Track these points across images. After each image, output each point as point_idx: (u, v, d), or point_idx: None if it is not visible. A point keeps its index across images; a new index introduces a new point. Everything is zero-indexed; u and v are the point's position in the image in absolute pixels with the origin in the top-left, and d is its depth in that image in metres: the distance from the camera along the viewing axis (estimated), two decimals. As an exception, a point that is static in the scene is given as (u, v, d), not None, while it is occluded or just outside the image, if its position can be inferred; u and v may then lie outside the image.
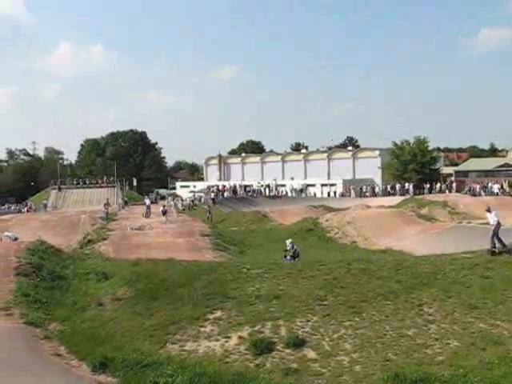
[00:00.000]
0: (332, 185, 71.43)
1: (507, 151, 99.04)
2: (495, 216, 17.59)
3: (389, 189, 65.75)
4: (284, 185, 73.35)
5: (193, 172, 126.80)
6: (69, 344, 12.16)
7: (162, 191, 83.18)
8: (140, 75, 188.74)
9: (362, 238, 32.37)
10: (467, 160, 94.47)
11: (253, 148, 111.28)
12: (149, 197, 54.89)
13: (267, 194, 67.31)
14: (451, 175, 75.71)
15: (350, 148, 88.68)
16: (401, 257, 20.68)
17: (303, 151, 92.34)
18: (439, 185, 63.67)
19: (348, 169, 77.33)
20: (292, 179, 76.80)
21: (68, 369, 10.88)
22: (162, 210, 38.74)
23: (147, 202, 45.13)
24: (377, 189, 68.10)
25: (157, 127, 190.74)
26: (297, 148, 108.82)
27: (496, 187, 56.60)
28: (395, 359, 10.76)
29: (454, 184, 64.14)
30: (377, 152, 76.08)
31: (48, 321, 13.76)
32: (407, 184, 63.60)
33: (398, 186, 64.15)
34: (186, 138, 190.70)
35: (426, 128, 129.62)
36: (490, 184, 58.74)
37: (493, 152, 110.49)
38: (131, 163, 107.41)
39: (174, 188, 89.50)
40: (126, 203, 56.61)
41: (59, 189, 71.66)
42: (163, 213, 38.18)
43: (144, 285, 15.56)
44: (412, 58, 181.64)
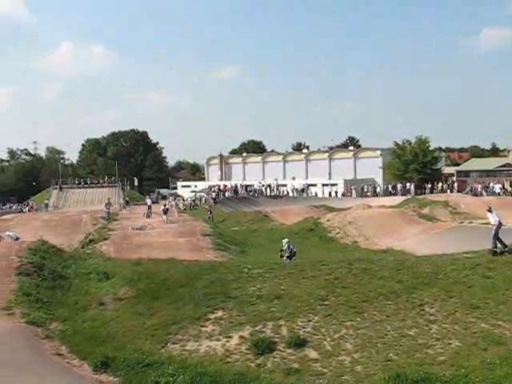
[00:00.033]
0: (333, 185, 71.33)
1: (509, 151, 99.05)
2: (496, 216, 17.59)
3: (390, 189, 65.68)
4: (285, 185, 73.20)
5: (194, 172, 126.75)
6: (70, 343, 12.17)
7: (164, 191, 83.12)
8: (141, 75, 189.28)
9: (364, 238, 32.33)
10: (469, 160, 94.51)
11: (254, 148, 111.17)
12: (150, 197, 54.91)
13: (268, 194, 67.23)
14: (453, 175, 75.70)
15: (352, 148, 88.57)
16: (402, 257, 20.65)
17: (304, 151, 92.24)
18: (440, 185, 63.57)
19: (349, 169, 77.25)
20: (293, 179, 76.69)
21: (69, 368, 10.88)
22: (163, 209, 38.70)
23: (148, 202, 45.19)
24: (378, 189, 68.00)
25: (158, 127, 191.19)
26: (298, 148, 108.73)
27: (497, 187, 56.49)
28: (396, 359, 10.76)
29: (456, 184, 64.07)
30: (378, 152, 75.99)
31: (49, 320, 13.77)
32: (408, 184, 63.50)
33: (400, 186, 64.04)
34: (187, 138, 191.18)
35: (427, 128, 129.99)
36: (492, 184, 58.64)
37: (494, 152, 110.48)
38: (132, 163, 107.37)
39: (176, 188, 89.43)
40: (128, 203, 56.67)
41: (60, 188, 71.77)
42: (164, 212, 38.16)
43: (145, 284, 15.56)
44: (412, 58, 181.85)
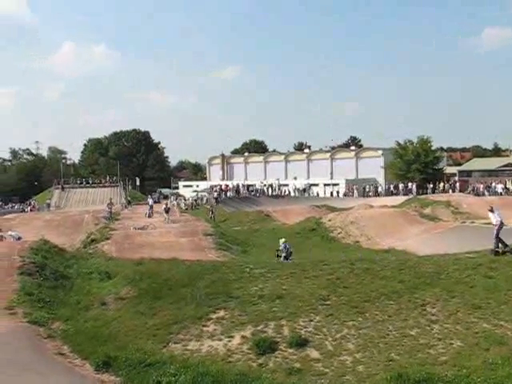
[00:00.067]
0: (335, 184, 71.33)
1: (511, 151, 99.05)
2: (498, 216, 17.56)
3: (392, 188, 65.72)
4: (287, 184, 73.22)
5: (196, 172, 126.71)
6: (72, 343, 12.16)
7: (165, 191, 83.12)
8: (142, 75, 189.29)
9: (365, 238, 32.30)
10: (470, 160, 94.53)
11: (256, 148, 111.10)
12: (152, 196, 54.93)
13: (270, 194, 67.26)
14: (455, 175, 75.67)
15: (353, 148, 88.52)
16: (404, 257, 20.65)
17: (306, 151, 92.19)
18: (442, 184, 63.54)
19: (351, 168, 77.20)
20: (295, 179, 76.70)
21: (71, 368, 10.88)
22: (165, 208, 38.73)
23: (150, 202, 45.22)
24: (380, 188, 67.98)
25: (160, 127, 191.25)
26: (300, 148, 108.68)
27: (500, 187, 56.47)
28: (398, 359, 10.76)
29: (458, 184, 64.07)
30: (380, 152, 75.93)
31: (51, 320, 13.76)
32: (410, 184, 63.48)
33: (401, 186, 64.03)
34: (189, 138, 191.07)
35: (429, 128, 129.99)
36: (494, 184, 58.61)
37: (496, 152, 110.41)
38: (134, 163, 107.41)
39: (177, 188, 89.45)
40: (129, 203, 56.74)
41: (62, 188, 71.92)
42: (166, 211, 38.17)
43: (147, 284, 15.57)
44: (412, 58, 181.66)
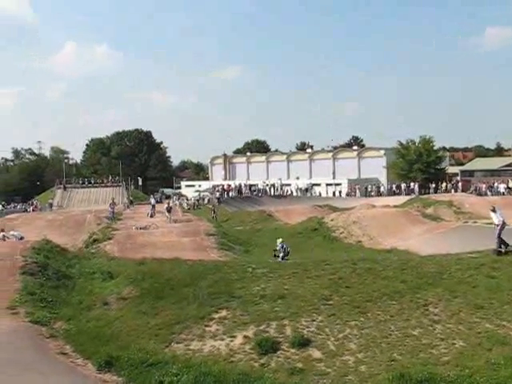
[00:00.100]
0: (337, 184, 71.29)
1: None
2: (500, 216, 17.55)
3: (394, 188, 65.64)
4: (289, 184, 73.14)
5: (198, 171, 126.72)
6: (74, 343, 12.18)
7: (168, 191, 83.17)
8: (144, 75, 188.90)
9: (368, 238, 32.25)
10: (473, 159, 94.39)
11: (258, 147, 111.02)
12: (154, 196, 54.95)
13: (272, 194, 67.22)
14: (457, 175, 75.55)
15: (355, 147, 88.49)
16: (406, 256, 20.62)
17: (308, 151, 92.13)
18: (445, 184, 63.46)
19: (353, 168, 77.16)
20: (297, 179, 76.64)
21: (73, 367, 10.89)
22: (167, 208, 38.77)
23: (152, 202, 45.24)
24: (382, 188, 67.95)
25: (162, 127, 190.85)
26: (302, 147, 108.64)
27: (502, 187, 56.34)
28: (400, 359, 10.74)
29: (460, 183, 63.98)
30: (382, 151, 75.91)
31: (53, 320, 13.78)
32: (412, 183, 63.41)
33: (404, 186, 63.97)
34: (191, 138, 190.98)
35: (430, 128, 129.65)
36: (496, 183, 58.50)
37: (499, 151, 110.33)
38: (136, 163, 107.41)
39: (180, 187, 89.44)
40: (132, 203, 56.73)
41: (65, 188, 71.93)
42: (168, 210, 38.22)
43: (149, 284, 15.57)
44: (412, 58, 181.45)
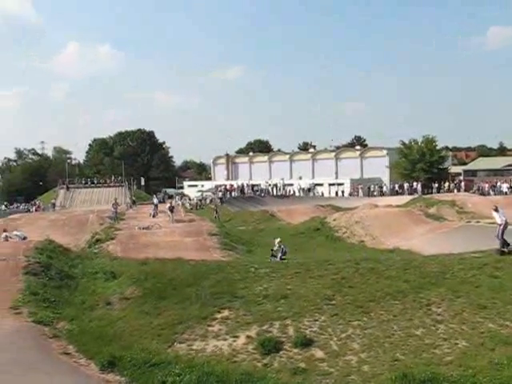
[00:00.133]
0: (340, 184, 71.30)
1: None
2: (503, 215, 17.53)
3: (397, 188, 65.60)
4: (292, 184, 73.21)
5: (200, 171, 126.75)
6: (77, 343, 12.18)
7: (170, 191, 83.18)
8: (147, 75, 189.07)
9: (370, 238, 32.20)
10: (476, 159, 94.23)
11: (260, 147, 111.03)
12: (157, 196, 54.98)
13: (275, 194, 67.27)
14: (460, 174, 75.44)
15: (358, 147, 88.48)
16: (409, 256, 20.60)
17: (311, 150, 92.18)
18: (447, 184, 63.38)
19: (356, 168, 77.13)
20: (300, 178, 76.64)
21: (76, 367, 10.90)
22: (169, 207, 38.84)
23: (155, 201, 45.27)
24: (385, 188, 67.94)
25: (164, 127, 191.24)
26: (304, 147, 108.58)
27: (505, 186, 56.30)
28: (403, 359, 10.73)
29: (463, 183, 63.90)
30: (385, 151, 75.86)
31: (56, 320, 13.80)
32: (415, 183, 63.38)
33: (406, 186, 63.91)
34: (194, 138, 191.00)
35: (433, 127, 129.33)
36: (499, 183, 58.46)
37: (502, 151, 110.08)
38: (139, 163, 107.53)
39: (182, 187, 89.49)
40: (134, 203, 56.77)
41: (67, 188, 72.00)
42: (170, 210, 38.28)
43: (152, 284, 15.59)
44: (412, 58, 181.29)
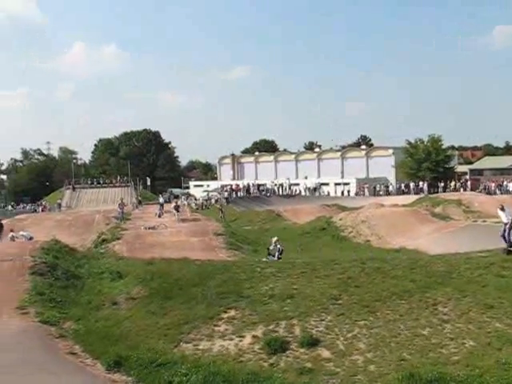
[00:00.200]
0: (346, 184, 71.16)
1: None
2: (509, 214, 17.46)
3: (403, 187, 65.48)
4: (297, 184, 73.12)
5: (206, 171, 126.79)
6: (83, 343, 12.20)
7: (176, 191, 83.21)
8: (152, 75, 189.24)
9: (376, 237, 32.17)
10: (482, 158, 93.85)
11: (266, 147, 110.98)
12: (162, 196, 55.06)
13: (281, 193, 67.26)
14: (466, 173, 75.15)
15: (364, 147, 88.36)
16: (415, 256, 20.55)
17: (316, 150, 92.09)
18: (454, 183, 63.20)
19: (361, 168, 76.94)
20: (305, 178, 76.53)
21: (83, 367, 10.91)
22: (175, 206, 38.97)
23: (161, 201, 45.37)
24: (390, 187, 67.80)
25: (170, 127, 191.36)
26: (310, 147, 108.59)
27: (511, 185, 56.08)
28: (410, 359, 10.70)
29: (469, 182, 63.69)
30: (390, 151, 75.66)
31: (63, 320, 13.83)
32: (421, 182, 63.25)
33: (412, 185, 63.79)
34: (199, 138, 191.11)
35: (439, 126, 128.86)
36: (506, 182, 58.20)
37: (508, 150, 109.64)
38: (145, 163, 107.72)
39: (188, 187, 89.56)
40: (140, 203, 56.85)
41: (73, 188, 72.21)
42: (176, 209, 38.39)
43: (158, 284, 15.60)
44: (413, 58, 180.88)
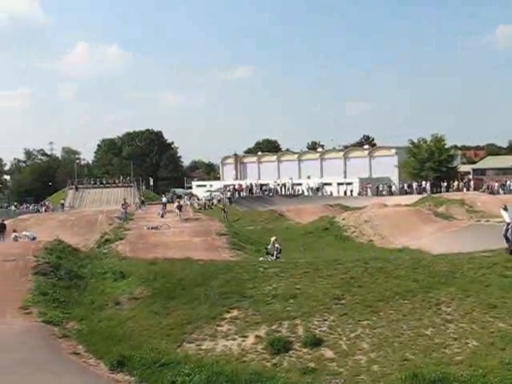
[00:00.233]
0: (348, 183, 71.15)
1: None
2: (512, 214, 17.42)
3: (406, 187, 65.46)
4: (300, 184, 73.12)
5: (209, 171, 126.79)
6: (86, 343, 12.21)
7: (179, 191, 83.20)
8: (155, 75, 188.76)
9: (379, 237, 32.18)
10: (485, 158, 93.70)
11: (269, 147, 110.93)
12: (165, 196, 55.15)
13: (283, 193, 67.27)
14: (469, 173, 75.10)
15: (367, 147, 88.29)
16: (418, 256, 20.53)
17: (319, 150, 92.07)
18: (456, 183, 63.19)
19: (364, 167, 76.91)
20: (308, 178, 76.53)
21: (86, 367, 10.92)
22: (178, 206, 39.04)
23: (164, 201, 45.47)
24: (393, 187, 67.77)
25: (173, 127, 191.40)
26: (313, 147, 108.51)
27: (515, 185, 56.10)
28: (413, 359, 10.67)
29: (472, 182, 63.66)
30: (393, 150, 75.58)
31: (66, 320, 13.84)
32: (424, 182, 63.22)
33: (415, 185, 63.79)
34: (201, 138, 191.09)
35: (434, 127, 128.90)
36: (509, 182, 58.16)
37: (511, 149, 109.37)
38: (147, 163, 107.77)
39: (191, 187, 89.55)
40: (143, 203, 56.91)
41: (76, 189, 72.34)
42: (178, 208, 38.48)
43: (161, 284, 15.60)
44: (413, 58, 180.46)
